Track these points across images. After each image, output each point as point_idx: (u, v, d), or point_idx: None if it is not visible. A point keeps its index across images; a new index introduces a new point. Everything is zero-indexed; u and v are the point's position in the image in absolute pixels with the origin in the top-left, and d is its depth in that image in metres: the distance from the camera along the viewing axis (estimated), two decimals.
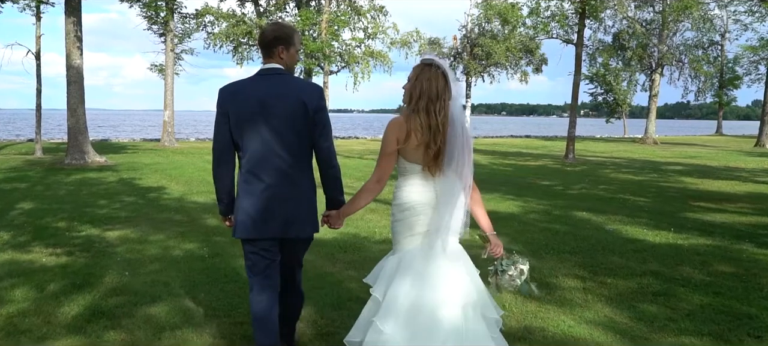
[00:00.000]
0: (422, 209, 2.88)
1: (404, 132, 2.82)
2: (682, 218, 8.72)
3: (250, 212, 3.04)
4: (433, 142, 2.81)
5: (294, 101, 2.99)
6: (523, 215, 8.90)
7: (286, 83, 3.04)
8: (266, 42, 3.08)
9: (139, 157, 18.39)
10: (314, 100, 3.03)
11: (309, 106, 3.00)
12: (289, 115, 2.99)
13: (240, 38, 27.17)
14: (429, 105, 2.80)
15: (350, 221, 7.80)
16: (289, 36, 3.09)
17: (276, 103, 2.98)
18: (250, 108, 2.98)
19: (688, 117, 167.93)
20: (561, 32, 21.61)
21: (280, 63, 3.08)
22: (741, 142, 35.99)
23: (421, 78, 2.83)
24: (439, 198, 2.88)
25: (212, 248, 6.42)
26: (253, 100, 2.98)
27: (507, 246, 3.27)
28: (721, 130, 49.86)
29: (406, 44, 30.44)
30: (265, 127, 2.97)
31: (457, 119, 2.86)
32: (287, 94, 3.00)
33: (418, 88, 2.83)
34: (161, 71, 26.44)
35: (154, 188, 11.32)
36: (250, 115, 2.98)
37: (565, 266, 5.84)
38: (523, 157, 21.51)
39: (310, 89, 3.09)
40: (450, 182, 2.87)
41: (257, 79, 3.08)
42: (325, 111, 3.10)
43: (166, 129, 25.06)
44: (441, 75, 2.82)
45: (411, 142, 2.82)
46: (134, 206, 9.19)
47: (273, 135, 2.98)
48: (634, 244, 6.89)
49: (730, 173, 16.19)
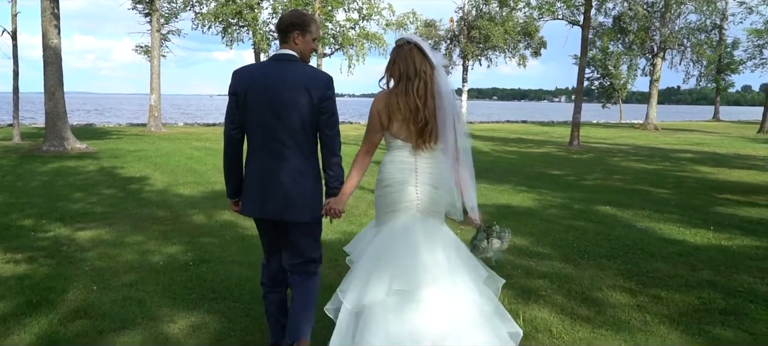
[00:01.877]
0: (402, 186, 2.88)
1: (386, 111, 2.86)
2: (714, 214, 7.97)
3: (252, 192, 3.11)
4: (414, 120, 2.83)
5: (299, 88, 2.99)
6: (542, 210, 8.11)
7: (294, 70, 3.04)
8: (283, 27, 3.09)
9: (123, 144, 17.41)
10: (320, 89, 3.01)
11: (314, 96, 2.99)
12: (295, 101, 2.98)
13: (229, 18, 26.06)
14: (408, 85, 2.83)
15: (353, 219, 6.99)
16: (306, 23, 3.09)
17: (283, 90, 2.99)
18: (259, 92, 3.01)
19: (678, 102, 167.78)
20: (567, 12, 20.74)
21: (295, 49, 3.08)
22: (741, 128, 35.43)
23: (397, 61, 2.87)
24: (421, 176, 2.88)
25: (198, 252, 5.58)
26: (262, 85, 3.01)
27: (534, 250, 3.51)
28: (718, 116, 49.34)
29: (401, 26, 29.37)
30: (271, 111, 2.99)
31: (444, 93, 2.84)
32: (295, 81, 3.00)
33: (396, 71, 2.88)
34: (147, 53, 25.28)
35: (136, 179, 10.41)
36: (259, 99, 3.01)
37: (607, 276, 5.05)
38: (526, 144, 20.72)
39: (318, 78, 3.05)
40: (435, 159, 2.90)
41: (269, 63, 3.13)
42: (331, 100, 3.06)
43: (153, 114, 24.00)
44: (415, 50, 2.84)
45: (394, 122, 2.86)
46: (112, 200, 8.31)
47: (278, 120, 2.99)
48: (675, 246, 6.12)
49: (744, 162, 15.51)
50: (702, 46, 30.80)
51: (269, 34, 27.36)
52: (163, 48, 25.85)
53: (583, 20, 19.11)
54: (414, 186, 2.88)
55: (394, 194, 2.90)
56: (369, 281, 2.77)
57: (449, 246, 2.87)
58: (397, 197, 2.89)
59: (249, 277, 4.82)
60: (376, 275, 2.76)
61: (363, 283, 2.79)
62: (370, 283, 2.76)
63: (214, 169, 11.87)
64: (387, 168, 2.94)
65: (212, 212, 7.52)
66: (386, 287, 2.72)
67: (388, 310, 2.71)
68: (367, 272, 2.80)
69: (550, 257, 5.63)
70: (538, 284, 4.80)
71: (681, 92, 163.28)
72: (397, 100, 2.85)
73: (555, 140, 22.62)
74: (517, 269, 5.17)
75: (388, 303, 2.72)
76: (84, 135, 19.21)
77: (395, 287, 2.71)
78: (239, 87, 3.04)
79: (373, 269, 2.79)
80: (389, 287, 2.72)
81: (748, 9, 27.95)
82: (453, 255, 2.84)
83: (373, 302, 2.72)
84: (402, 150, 2.91)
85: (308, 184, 3.07)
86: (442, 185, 2.92)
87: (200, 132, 24.03)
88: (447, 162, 2.92)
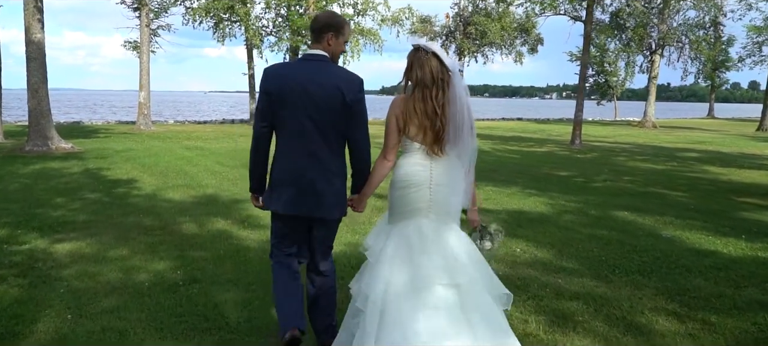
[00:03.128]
0: (417, 187, 2.91)
1: (403, 117, 2.90)
2: (740, 220, 7.50)
3: (280, 189, 3.14)
4: (431, 126, 2.87)
5: (333, 89, 3.03)
6: (557, 216, 7.60)
7: (327, 71, 3.08)
8: (318, 27, 3.12)
9: (110, 143, 16.75)
10: (353, 91, 3.06)
11: (347, 97, 3.03)
12: (327, 102, 3.03)
13: (221, 13, 25.38)
14: (425, 91, 2.87)
15: (357, 228, 6.47)
16: (341, 25, 3.14)
17: (315, 90, 3.02)
18: (290, 91, 3.04)
19: (668, 99, 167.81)
20: (569, 7, 20.21)
21: (327, 50, 3.11)
22: (738, 125, 35.16)
23: (414, 66, 2.89)
24: (435, 178, 2.91)
25: (189, 269, 5.02)
26: (293, 84, 3.04)
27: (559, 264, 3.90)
28: (713, 113, 49.19)
29: (397, 22, 28.77)
30: (302, 111, 3.03)
31: (460, 97, 2.86)
32: (327, 82, 3.03)
33: (414, 76, 2.89)
34: (136, 49, 24.55)
35: (123, 181, 9.81)
36: (290, 98, 3.04)
37: (645, 296, 4.54)
38: (526, 143, 20.23)
39: (350, 80, 3.08)
40: (450, 164, 2.94)
41: (300, 63, 3.19)
42: (362, 103, 3.11)
43: (142, 111, 23.29)
44: (432, 57, 2.86)
45: (411, 127, 2.90)
46: (96, 206, 7.71)
47: (309, 120, 3.04)
48: (709, 258, 5.63)
49: (752, 162, 15.09)
50: (700, 43, 30.41)
51: (262, 29, 26.74)
52: (152, 44, 25.11)
53: (585, 16, 18.60)
54: (428, 188, 2.92)
55: (409, 196, 2.93)
56: (388, 282, 2.81)
57: (462, 248, 2.90)
58: (412, 199, 2.93)
59: (246, 301, 4.28)
60: (394, 275, 2.82)
61: (382, 283, 2.82)
62: (389, 283, 2.81)
63: (206, 171, 11.28)
64: (402, 170, 2.97)
65: (204, 219, 6.95)
66: (403, 287, 2.78)
67: (404, 308, 2.75)
68: (386, 272, 2.84)
69: (579, 272, 5.12)
70: (572, 307, 4.28)
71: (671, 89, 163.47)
72: (414, 106, 2.89)
73: (555, 139, 22.15)
74: (546, 288, 4.65)
75: (405, 302, 2.76)
76: (70, 134, 18.54)
77: (410, 285, 2.77)
78: (272, 86, 3.07)
79: (392, 269, 2.84)
80: (406, 286, 2.77)
81: (747, 5, 27.58)
82: (465, 258, 2.86)
83: (391, 301, 2.77)
84: (417, 153, 2.95)
85: (338, 183, 3.16)
86: (456, 189, 2.97)
87: (191, 130, 23.36)
88: (462, 166, 2.98)
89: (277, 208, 3.18)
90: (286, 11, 26.31)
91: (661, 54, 31.14)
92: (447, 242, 2.88)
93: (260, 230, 6.47)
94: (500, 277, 3.03)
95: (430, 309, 2.73)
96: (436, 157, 2.92)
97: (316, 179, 3.08)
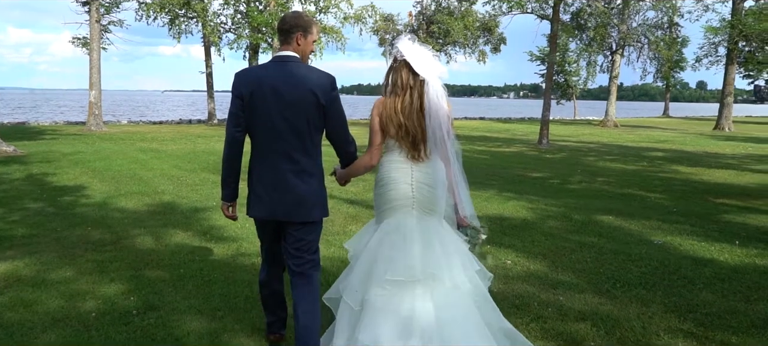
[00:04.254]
0: (398, 185, 2.95)
1: (382, 116, 2.97)
2: (725, 223, 7.28)
3: (259, 193, 3.11)
4: (405, 132, 2.94)
5: (305, 91, 3.01)
6: (540, 221, 7.23)
7: (299, 72, 3.05)
8: (286, 28, 3.11)
9: (58, 145, 15.68)
10: (326, 91, 3.05)
11: (321, 99, 3.03)
12: (300, 103, 3.01)
13: (176, 9, 24.34)
14: (398, 96, 2.96)
15: (331, 239, 5.93)
16: (308, 24, 3.14)
17: (288, 91, 3.00)
18: (263, 93, 3.01)
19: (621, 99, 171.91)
20: (536, 6, 20.08)
21: (297, 50, 3.11)
22: (695, 124, 35.95)
23: (390, 70, 3.02)
24: (417, 176, 2.96)
25: (144, 293, 4.39)
26: (266, 86, 3.02)
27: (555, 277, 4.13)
28: (668, 112, 50.43)
29: (359, 19, 28.29)
30: (276, 113, 3.01)
31: (433, 106, 2.89)
32: (299, 83, 3.02)
33: (389, 80, 3.02)
34: (85, 46, 23.30)
35: (71, 189, 8.99)
36: (263, 101, 3.01)
37: (655, 314, 4.16)
38: (493, 143, 20.00)
39: (323, 79, 3.07)
40: (432, 161, 2.99)
41: (271, 65, 3.11)
42: (337, 101, 3.11)
43: (93, 111, 22.08)
44: (403, 66, 2.94)
45: (390, 127, 2.96)
46: (39, 218, 6.94)
47: (283, 121, 3.01)
48: (709, 267, 5.32)
49: (718, 161, 15.19)
50: (659, 44, 30.91)
51: (220, 26, 25.80)
52: (103, 40, 23.91)
53: (552, 14, 18.46)
54: (409, 185, 2.96)
55: (391, 192, 2.97)
56: (368, 278, 2.89)
57: (445, 240, 2.95)
58: (394, 195, 2.97)
59: (212, 332, 3.70)
60: (374, 270, 2.88)
61: (363, 281, 2.90)
62: (369, 279, 2.88)
63: (163, 175, 10.52)
64: (384, 167, 3.03)
65: (161, 232, 6.29)
66: (382, 280, 2.83)
67: (386, 302, 2.82)
68: (366, 270, 2.91)
69: (578, 287, 4.71)
70: (581, 329, 3.86)
71: (624, 89, 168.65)
72: (393, 109, 2.96)
73: (521, 139, 22.04)
74: (548, 308, 4.22)
75: (386, 295, 2.83)
76: (13, 135, 17.37)
77: (389, 278, 2.81)
78: (244, 89, 3.03)
79: (372, 265, 2.90)
80: (385, 280, 2.82)
81: (704, 6, 28.13)
82: (449, 249, 2.92)
83: (372, 296, 2.84)
84: (398, 151, 3.00)
85: (315, 184, 3.12)
86: (437, 184, 2.98)
87: (146, 131, 22.29)
88: (442, 168, 3.02)
89: (256, 214, 3.14)
90: (245, 7, 25.47)
91: (622, 54, 31.52)
92: (432, 235, 2.92)
93: (225, 243, 5.86)
94: (495, 295, 3.06)
95: (416, 300, 2.82)
96: (417, 159, 2.98)
97: (292, 182, 3.06)
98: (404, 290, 2.83)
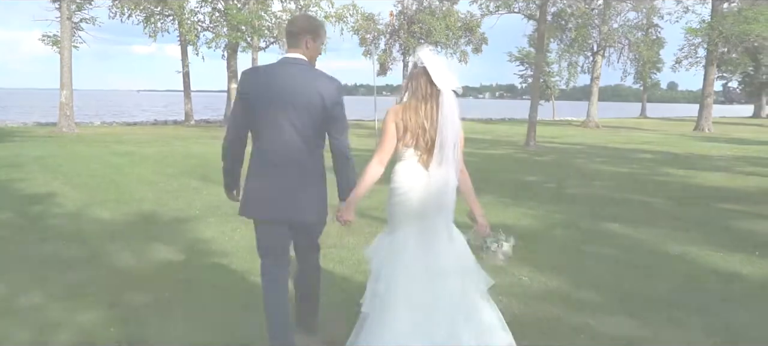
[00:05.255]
0: (415, 193, 2.96)
1: (401, 123, 2.95)
2: (736, 231, 7.01)
3: (259, 193, 3.10)
4: (422, 137, 2.94)
5: (312, 93, 3.03)
6: (547, 231, 6.87)
7: (306, 74, 3.07)
8: (295, 30, 3.12)
9: (27, 148, 14.89)
10: (332, 94, 3.07)
11: (326, 100, 3.04)
12: (306, 105, 3.02)
13: (152, 6, 23.54)
14: (418, 104, 2.96)
15: (325, 252, 5.48)
16: (318, 29, 3.16)
17: (294, 93, 3.01)
18: (269, 94, 3.02)
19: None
20: (523, 6, 19.86)
21: (305, 53, 3.11)
22: (674, 125, 36.17)
23: (410, 78, 3.03)
24: (433, 183, 2.95)
25: (126, 321, 3.88)
26: (273, 87, 3.02)
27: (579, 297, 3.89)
28: (645, 113, 50.94)
29: (341, 19, 27.68)
30: (281, 114, 3.00)
31: (445, 116, 2.91)
32: (306, 85, 3.03)
33: (409, 87, 3.02)
34: (56, 44, 22.38)
35: (41, 196, 8.36)
36: (269, 101, 3.02)
37: (696, 340, 3.80)
38: (479, 144, 19.67)
39: (329, 83, 3.09)
40: (444, 171, 2.96)
41: (280, 66, 3.12)
42: (341, 106, 3.13)
43: (64, 112, 21.21)
44: (422, 73, 2.95)
45: (407, 134, 2.95)
46: (5, 231, 6.33)
47: (288, 123, 3.01)
48: (736, 283, 5.01)
49: (707, 163, 15.07)
50: (640, 45, 31.05)
51: (198, 24, 25.06)
52: (75, 38, 23.02)
53: (539, 14, 18.24)
54: (425, 193, 2.96)
55: (406, 202, 2.97)
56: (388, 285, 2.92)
57: (460, 251, 3.01)
58: (409, 205, 2.97)
59: None
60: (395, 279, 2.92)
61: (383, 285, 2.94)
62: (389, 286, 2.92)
63: (141, 181, 9.92)
64: (398, 176, 3.01)
65: (142, 247, 5.75)
66: (402, 292, 2.87)
67: (400, 309, 2.86)
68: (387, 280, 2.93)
69: (606, 308, 4.33)
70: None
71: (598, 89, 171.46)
72: (410, 115, 2.95)
73: (507, 140, 21.78)
74: (580, 334, 3.83)
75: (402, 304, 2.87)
76: None
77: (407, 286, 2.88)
78: (250, 88, 3.05)
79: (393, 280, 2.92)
80: (404, 291, 2.88)
81: (684, 8, 28.29)
82: (464, 260, 3.00)
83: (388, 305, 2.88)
84: (412, 159, 2.99)
85: (315, 185, 3.14)
86: (451, 191, 3.00)
87: (121, 133, 21.51)
88: (453, 175, 2.99)
89: (254, 213, 3.15)
90: (223, 5, 24.77)
91: (603, 55, 31.57)
92: (446, 244, 2.98)
93: (214, 258, 5.37)
94: (519, 317, 3.26)
95: (422, 310, 2.86)
96: (431, 166, 2.97)
97: (292, 183, 3.07)
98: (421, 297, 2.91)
